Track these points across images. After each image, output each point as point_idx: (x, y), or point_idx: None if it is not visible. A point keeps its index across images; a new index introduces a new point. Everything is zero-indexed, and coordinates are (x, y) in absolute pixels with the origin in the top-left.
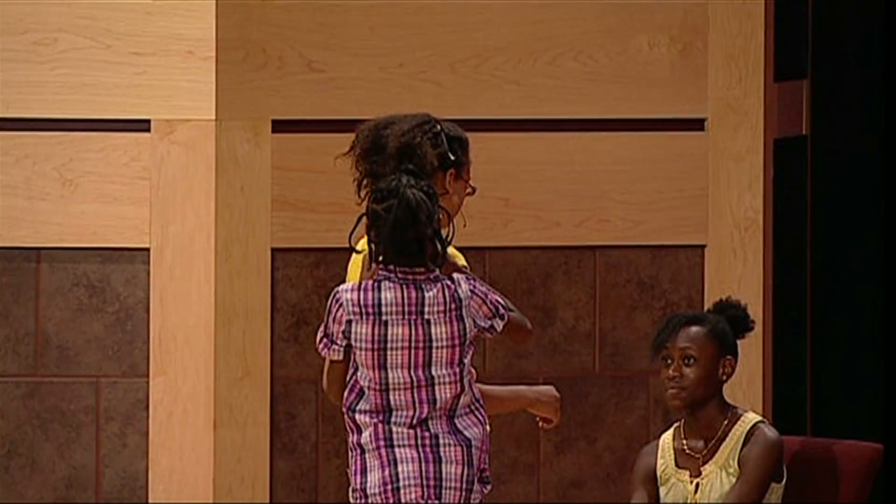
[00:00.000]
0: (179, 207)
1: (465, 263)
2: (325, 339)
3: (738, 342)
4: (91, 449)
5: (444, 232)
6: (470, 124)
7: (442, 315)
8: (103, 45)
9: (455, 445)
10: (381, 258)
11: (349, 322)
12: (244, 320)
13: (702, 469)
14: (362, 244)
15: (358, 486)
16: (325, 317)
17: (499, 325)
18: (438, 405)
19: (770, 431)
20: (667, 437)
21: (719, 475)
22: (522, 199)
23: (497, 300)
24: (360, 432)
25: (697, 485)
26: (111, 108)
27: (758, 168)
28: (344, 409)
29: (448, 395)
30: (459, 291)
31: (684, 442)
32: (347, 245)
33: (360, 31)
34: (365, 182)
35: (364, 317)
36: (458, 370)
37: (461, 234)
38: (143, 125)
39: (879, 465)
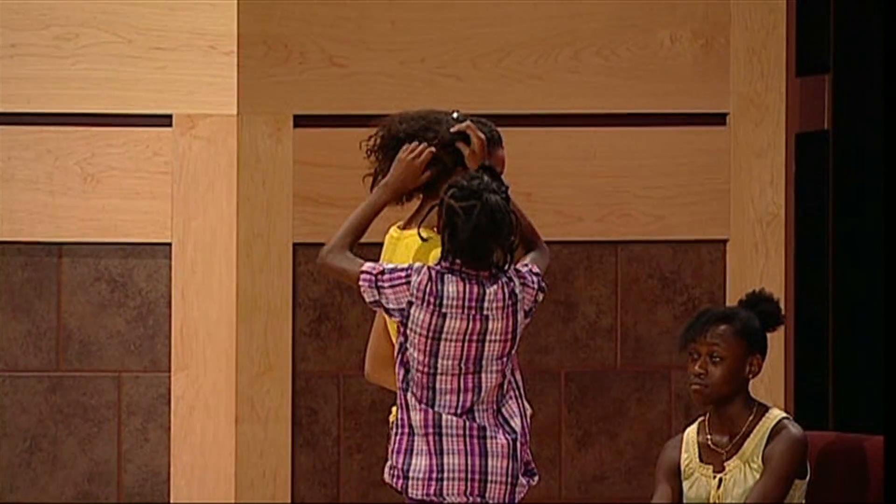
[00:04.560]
0: (201, 202)
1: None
2: (372, 279)
3: (767, 335)
4: (113, 444)
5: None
6: (491, 119)
7: (500, 311)
8: (125, 40)
9: (501, 439)
10: (448, 254)
11: (409, 303)
12: (266, 315)
13: (725, 464)
14: (426, 231)
15: (398, 466)
16: (391, 273)
17: (541, 297)
18: (482, 394)
19: (795, 428)
20: (691, 432)
21: (743, 471)
22: (544, 194)
23: (535, 274)
24: (409, 411)
25: (720, 480)
26: (133, 103)
27: (780, 163)
28: (398, 385)
29: (492, 383)
30: (516, 289)
31: (709, 437)
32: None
33: (381, 26)
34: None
35: (424, 304)
36: (504, 361)
37: None
38: (165, 120)
39: None
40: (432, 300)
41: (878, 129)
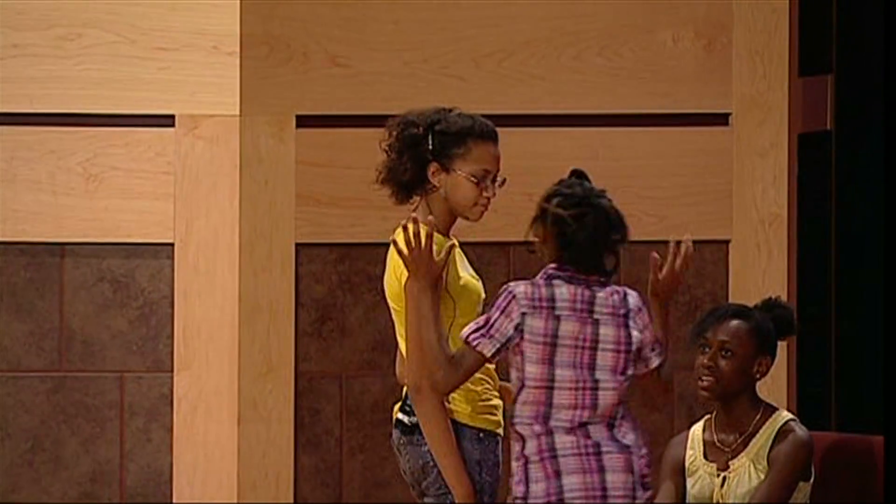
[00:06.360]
0: (203, 202)
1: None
2: (482, 330)
3: (779, 342)
4: (115, 444)
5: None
6: (494, 119)
7: (610, 317)
8: (128, 41)
9: (617, 453)
10: (560, 261)
11: (523, 315)
12: (268, 315)
13: (730, 463)
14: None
15: (520, 496)
16: (492, 310)
17: (654, 361)
18: (598, 412)
19: (801, 431)
20: (697, 429)
21: (748, 470)
22: None
23: (658, 338)
24: (524, 442)
25: (724, 478)
26: (136, 104)
27: (782, 163)
28: (510, 422)
29: (609, 402)
30: (629, 300)
31: (715, 435)
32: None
33: (384, 26)
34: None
35: (538, 311)
36: (621, 380)
37: (486, 229)
38: (167, 120)
39: None
40: (545, 304)
41: (881, 130)
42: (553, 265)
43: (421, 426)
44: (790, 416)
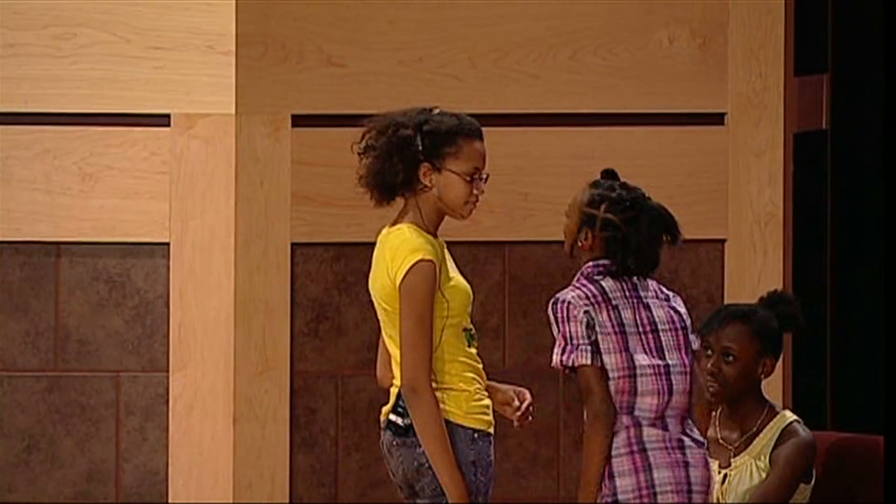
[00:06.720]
0: (199, 202)
1: (428, 256)
2: (569, 348)
3: (784, 337)
4: (111, 443)
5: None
6: (490, 119)
7: (656, 301)
8: (123, 40)
9: (696, 448)
10: (614, 264)
11: (587, 313)
12: (264, 315)
13: (732, 461)
14: (409, 227)
15: (606, 491)
16: (559, 327)
17: (694, 342)
18: (675, 398)
19: (805, 433)
20: None
21: (749, 468)
22: (542, 194)
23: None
24: (613, 435)
25: (725, 476)
26: (131, 103)
27: (778, 162)
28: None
29: (682, 386)
30: (664, 288)
31: (718, 432)
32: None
33: (379, 26)
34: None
35: (596, 305)
36: (688, 361)
37: (481, 229)
38: (162, 120)
39: None
40: (600, 298)
41: (877, 129)
42: (589, 264)
43: (415, 427)
44: (794, 417)
